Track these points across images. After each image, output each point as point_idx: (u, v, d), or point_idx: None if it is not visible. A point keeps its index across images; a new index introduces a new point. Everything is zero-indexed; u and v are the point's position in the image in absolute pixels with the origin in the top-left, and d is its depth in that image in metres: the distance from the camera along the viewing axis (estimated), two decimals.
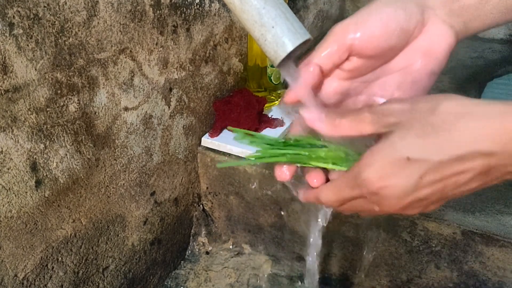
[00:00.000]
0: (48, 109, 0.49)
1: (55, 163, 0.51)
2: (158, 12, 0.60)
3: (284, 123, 0.79)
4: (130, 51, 0.57)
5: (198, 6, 0.68)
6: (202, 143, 0.77)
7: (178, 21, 0.64)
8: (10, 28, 0.42)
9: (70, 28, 0.49)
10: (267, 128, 0.78)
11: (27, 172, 0.48)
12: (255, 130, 0.76)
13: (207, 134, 0.77)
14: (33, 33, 0.45)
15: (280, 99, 0.84)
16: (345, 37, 0.38)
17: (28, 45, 0.45)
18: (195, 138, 0.76)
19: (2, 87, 0.43)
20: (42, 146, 0.49)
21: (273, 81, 0.82)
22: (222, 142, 0.75)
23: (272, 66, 0.81)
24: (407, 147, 0.32)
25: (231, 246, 0.85)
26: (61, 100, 0.50)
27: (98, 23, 0.52)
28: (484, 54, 1.11)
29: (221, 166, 0.77)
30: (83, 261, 0.59)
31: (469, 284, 0.64)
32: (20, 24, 0.43)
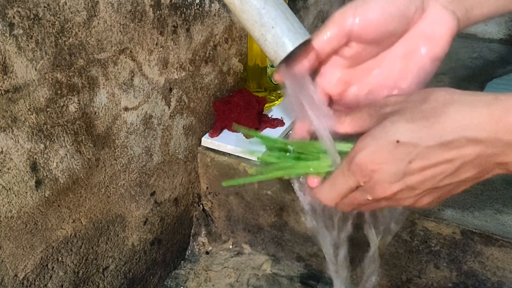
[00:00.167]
0: (48, 109, 0.49)
1: (55, 163, 0.51)
2: (158, 12, 0.60)
3: (284, 123, 0.79)
4: (130, 51, 0.57)
5: (198, 6, 0.68)
6: (202, 143, 0.77)
7: (178, 21, 0.64)
8: (10, 28, 0.43)
9: (70, 28, 0.49)
10: (267, 128, 0.78)
11: (27, 172, 0.48)
12: (255, 130, 0.76)
13: (207, 134, 0.77)
14: (33, 33, 0.45)
15: (282, 98, 0.84)
16: (344, 22, 0.38)
17: (28, 45, 0.45)
18: (195, 138, 0.76)
19: (2, 87, 0.43)
20: (42, 146, 0.49)
21: (273, 81, 0.82)
22: (222, 142, 0.75)
23: (272, 66, 0.81)
24: (397, 131, 0.33)
25: (231, 246, 0.85)
26: (61, 100, 0.50)
27: (98, 23, 0.52)
28: (484, 54, 1.11)
29: (227, 185, 0.76)
30: (83, 261, 0.59)
31: (468, 284, 0.64)
32: (20, 24, 0.43)
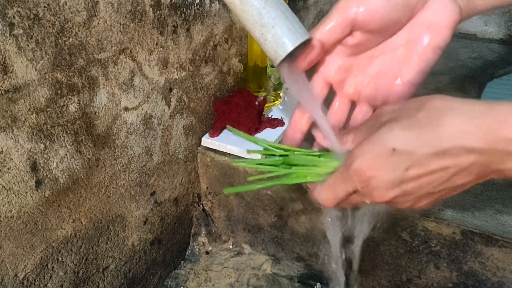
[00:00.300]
0: (48, 109, 0.49)
1: (55, 163, 0.51)
2: (158, 12, 0.60)
3: (284, 123, 0.79)
4: (130, 51, 0.57)
5: (198, 6, 0.68)
6: (202, 143, 0.77)
7: (178, 21, 0.64)
8: (10, 28, 0.43)
9: (70, 28, 0.49)
10: (267, 128, 0.78)
11: (27, 172, 0.48)
12: (255, 130, 0.76)
13: (207, 134, 0.77)
14: (33, 33, 0.45)
15: (281, 100, 0.84)
16: (348, 12, 0.38)
17: (28, 45, 0.45)
18: (195, 138, 0.76)
19: (2, 87, 0.43)
20: (42, 146, 0.49)
21: (273, 81, 0.82)
22: (222, 142, 0.75)
23: (272, 66, 0.81)
24: (393, 139, 0.33)
25: (231, 246, 0.85)
26: (61, 100, 0.50)
27: (98, 23, 0.52)
28: (484, 55, 1.11)
29: (228, 192, 0.77)
30: (83, 261, 0.59)
31: (469, 284, 0.64)
32: (20, 24, 0.43)
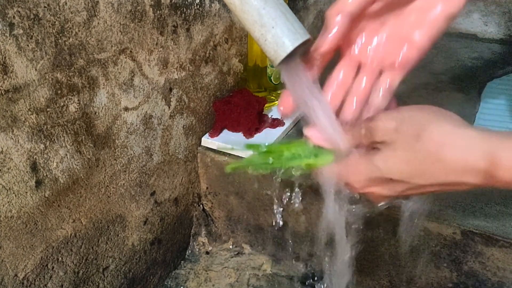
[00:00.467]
0: (48, 109, 0.49)
1: (55, 163, 0.51)
2: (158, 12, 0.60)
3: (284, 123, 0.79)
4: (130, 51, 0.57)
5: (198, 6, 0.68)
6: (202, 143, 0.77)
7: (178, 21, 0.64)
8: (10, 28, 0.43)
9: (70, 28, 0.49)
10: (267, 128, 0.78)
11: (27, 172, 0.48)
12: (255, 130, 0.76)
13: (207, 134, 0.77)
14: (33, 33, 0.45)
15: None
16: None
17: (28, 45, 0.45)
18: (195, 138, 0.76)
19: (2, 87, 0.43)
20: (42, 146, 0.49)
21: (273, 81, 0.82)
22: (222, 142, 0.75)
23: (272, 66, 0.81)
24: (390, 171, 0.35)
25: (231, 246, 0.85)
26: (61, 100, 0.50)
27: (98, 23, 0.52)
28: (484, 55, 1.11)
29: (231, 169, 0.76)
30: (83, 261, 0.59)
31: (469, 284, 0.64)
32: (20, 24, 0.43)
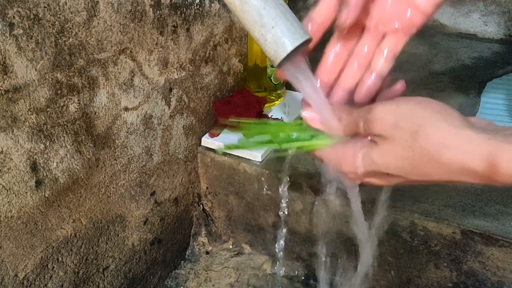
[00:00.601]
0: (48, 109, 0.49)
1: (55, 163, 0.51)
2: (158, 12, 0.60)
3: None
4: (130, 51, 0.57)
5: (198, 6, 0.68)
6: (202, 143, 0.77)
7: (178, 21, 0.64)
8: (10, 28, 0.43)
9: (70, 29, 0.49)
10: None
11: (27, 172, 0.48)
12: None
13: (207, 134, 0.77)
14: (33, 34, 0.45)
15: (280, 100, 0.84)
16: None
17: (28, 46, 0.45)
18: (195, 138, 0.76)
19: (2, 87, 0.43)
20: (42, 146, 0.49)
21: (273, 81, 0.82)
22: (222, 142, 0.75)
23: (272, 66, 0.81)
24: (387, 166, 0.35)
25: (231, 246, 0.85)
26: (61, 100, 0.50)
27: (98, 23, 0.52)
28: (484, 55, 1.11)
29: (227, 150, 0.74)
30: (83, 261, 0.59)
31: (469, 284, 0.64)
32: (20, 25, 0.43)
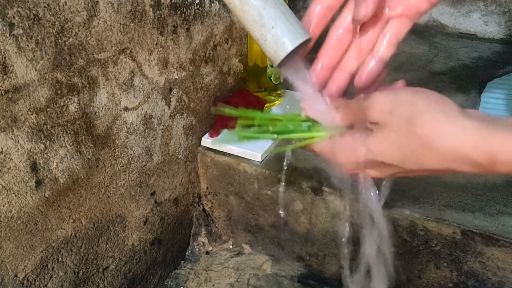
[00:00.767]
0: (48, 109, 0.49)
1: (55, 163, 0.51)
2: (158, 12, 0.60)
3: None
4: (130, 51, 0.57)
5: (198, 6, 0.68)
6: (202, 143, 0.77)
7: (178, 21, 0.64)
8: (10, 28, 0.43)
9: (70, 28, 0.49)
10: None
11: (27, 172, 0.48)
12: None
13: (207, 134, 0.77)
14: (33, 33, 0.45)
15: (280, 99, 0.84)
16: None
17: (28, 45, 0.45)
18: (195, 138, 0.76)
19: (2, 87, 0.43)
20: (42, 146, 0.49)
21: (273, 81, 0.82)
22: (222, 142, 0.75)
23: (272, 66, 0.81)
24: (382, 154, 0.35)
25: (231, 246, 0.85)
26: (61, 100, 0.50)
27: (98, 23, 0.52)
28: (484, 54, 1.11)
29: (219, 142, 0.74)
30: (83, 261, 0.59)
31: (469, 284, 0.64)
32: (20, 24, 0.43)
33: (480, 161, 0.31)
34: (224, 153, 0.75)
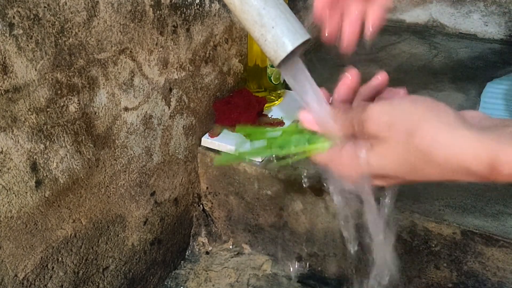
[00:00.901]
0: (48, 110, 0.49)
1: (55, 163, 0.51)
2: (158, 12, 0.60)
3: (284, 123, 0.79)
4: (130, 51, 0.57)
5: (198, 7, 0.68)
6: (202, 143, 0.77)
7: (178, 21, 0.64)
8: (10, 29, 0.43)
9: (70, 29, 0.49)
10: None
11: (27, 172, 0.48)
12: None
13: (207, 134, 0.77)
14: (33, 34, 0.45)
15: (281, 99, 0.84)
16: None
17: (28, 46, 0.45)
18: (195, 138, 0.76)
19: (2, 87, 0.43)
20: (42, 146, 0.49)
21: (273, 81, 0.82)
22: (222, 142, 0.75)
23: (272, 66, 0.81)
24: (384, 168, 0.36)
25: (231, 246, 0.85)
26: (61, 101, 0.50)
27: (98, 24, 0.52)
28: (484, 55, 1.11)
29: (218, 164, 0.76)
30: (83, 261, 0.59)
31: (469, 284, 0.64)
32: (20, 25, 0.43)
33: (481, 172, 0.31)
34: (224, 153, 0.75)
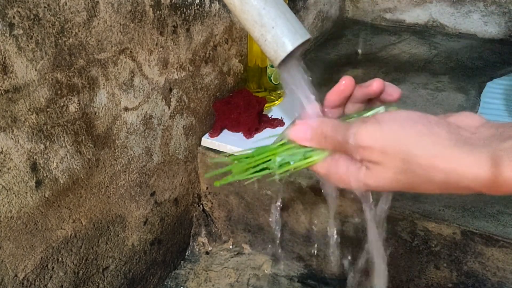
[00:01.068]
0: (48, 110, 0.49)
1: (55, 164, 0.51)
2: (158, 13, 0.60)
3: (284, 123, 0.79)
4: (130, 52, 0.57)
5: (198, 7, 0.68)
6: (202, 143, 0.77)
7: (178, 22, 0.64)
8: (10, 29, 0.43)
9: (70, 29, 0.49)
10: (267, 128, 0.78)
11: (27, 173, 0.48)
12: (255, 130, 0.76)
13: (207, 134, 0.77)
14: (33, 34, 0.45)
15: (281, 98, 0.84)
16: None
17: (28, 46, 0.45)
18: (195, 138, 0.76)
19: (2, 87, 0.43)
20: (42, 147, 0.49)
21: (273, 81, 0.82)
22: (222, 142, 0.75)
23: (272, 66, 0.81)
24: (382, 188, 0.36)
25: (231, 246, 0.85)
26: (61, 101, 0.50)
27: (98, 24, 0.52)
28: (484, 55, 1.11)
29: (220, 184, 0.75)
30: (83, 261, 0.59)
31: (469, 284, 0.64)
32: (20, 25, 0.43)
33: (481, 189, 0.31)
34: (224, 153, 0.75)
